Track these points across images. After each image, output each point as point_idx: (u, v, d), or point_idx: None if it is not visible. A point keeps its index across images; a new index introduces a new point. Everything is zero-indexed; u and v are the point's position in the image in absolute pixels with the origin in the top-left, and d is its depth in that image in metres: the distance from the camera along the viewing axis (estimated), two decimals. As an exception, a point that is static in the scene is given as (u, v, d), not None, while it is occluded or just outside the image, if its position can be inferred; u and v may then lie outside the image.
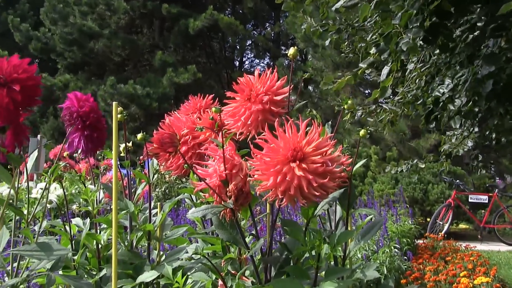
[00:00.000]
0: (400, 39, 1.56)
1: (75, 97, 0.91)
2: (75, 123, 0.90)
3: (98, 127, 0.92)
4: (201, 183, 0.77)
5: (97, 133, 0.92)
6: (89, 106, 0.91)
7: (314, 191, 0.66)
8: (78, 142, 0.91)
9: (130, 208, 0.98)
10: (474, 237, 5.46)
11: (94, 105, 0.92)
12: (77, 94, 0.92)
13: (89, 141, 0.91)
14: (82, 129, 0.91)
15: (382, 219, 0.83)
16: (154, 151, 0.80)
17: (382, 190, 5.46)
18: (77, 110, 0.90)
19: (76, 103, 0.91)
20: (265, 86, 0.79)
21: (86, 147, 0.91)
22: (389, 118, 2.28)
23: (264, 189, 0.69)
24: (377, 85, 2.23)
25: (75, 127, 0.91)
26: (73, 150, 0.93)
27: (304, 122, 0.70)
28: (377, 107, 2.35)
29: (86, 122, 0.91)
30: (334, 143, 0.71)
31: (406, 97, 2.14)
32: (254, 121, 0.80)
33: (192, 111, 1.03)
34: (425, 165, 2.76)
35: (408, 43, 1.47)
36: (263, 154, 0.69)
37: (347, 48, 2.30)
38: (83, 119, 0.91)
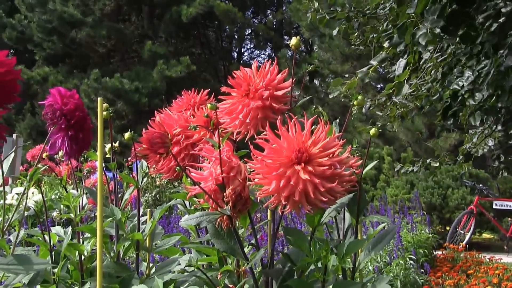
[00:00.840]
0: (417, 30, 1.55)
1: (59, 93, 0.91)
2: (58, 122, 0.90)
3: (84, 127, 0.93)
4: (195, 188, 0.77)
5: (82, 133, 0.92)
6: (74, 103, 0.91)
7: (321, 197, 0.66)
8: (61, 143, 0.91)
9: (116, 215, 0.99)
10: (500, 248, 5.44)
11: (79, 102, 0.92)
12: (60, 90, 0.92)
13: (74, 142, 0.91)
14: (66, 129, 0.91)
15: (396, 228, 0.84)
16: (143, 152, 0.80)
17: (396, 195, 5.46)
18: (61, 108, 0.90)
19: (60, 100, 0.91)
20: (264, 80, 0.80)
21: (70, 148, 0.91)
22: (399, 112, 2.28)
23: (265, 194, 0.70)
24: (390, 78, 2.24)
25: (58, 127, 0.91)
26: (56, 151, 0.93)
27: (309, 120, 0.71)
28: (386, 99, 2.35)
29: (71, 121, 0.91)
30: (343, 143, 0.71)
31: (419, 89, 2.13)
32: (253, 119, 0.80)
33: (185, 108, 1.03)
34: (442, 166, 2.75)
35: (426, 35, 1.46)
36: (264, 156, 0.69)
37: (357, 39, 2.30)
38: (67, 118, 0.91)
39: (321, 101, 7.89)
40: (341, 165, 0.68)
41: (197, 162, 0.91)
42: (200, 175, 0.78)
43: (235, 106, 0.81)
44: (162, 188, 4.14)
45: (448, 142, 6.52)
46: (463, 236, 4.98)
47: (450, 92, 1.91)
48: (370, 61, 2.08)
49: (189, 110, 1.02)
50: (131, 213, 1.07)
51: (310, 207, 0.68)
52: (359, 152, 0.81)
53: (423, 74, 2.13)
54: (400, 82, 1.90)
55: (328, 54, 7.49)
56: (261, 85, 0.79)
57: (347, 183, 0.71)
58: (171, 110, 1.04)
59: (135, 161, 1.00)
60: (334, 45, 7.08)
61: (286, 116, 0.73)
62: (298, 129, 0.70)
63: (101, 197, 0.84)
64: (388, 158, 6.13)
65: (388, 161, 6.09)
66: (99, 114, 0.86)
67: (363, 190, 0.81)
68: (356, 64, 6.99)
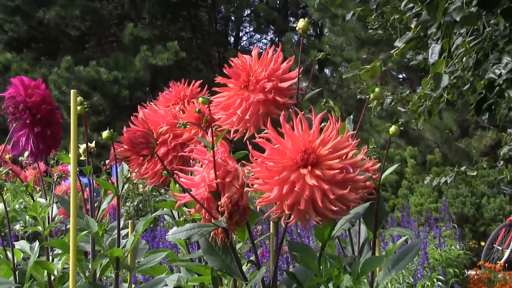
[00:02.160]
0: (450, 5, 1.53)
1: (22, 83, 0.92)
2: (22, 117, 0.91)
3: (52, 122, 0.93)
4: (185, 195, 0.78)
5: (50, 130, 0.92)
6: (41, 95, 0.92)
7: (330, 205, 0.67)
8: (25, 142, 0.92)
9: (92, 227, 0.99)
10: (544, 267, 5.44)
11: (46, 93, 0.93)
12: (23, 79, 0.92)
13: (41, 140, 0.92)
14: (31, 124, 0.91)
15: (420, 242, 0.84)
16: (124, 153, 0.81)
17: (421, 204, 5.46)
18: (25, 100, 0.91)
19: (23, 91, 0.91)
20: (267, 70, 0.80)
21: (36, 148, 0.91)
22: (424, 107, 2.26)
23: (267, 203, 0.70)
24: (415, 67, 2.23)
25: (21, 122, 0.91)
26: (19, 152, 0.93)
27: (318, 116, 0.71)
28: (411, 93, 2.35)
29: (37, 116, 0.91)
30: (357, 143, 0.72)
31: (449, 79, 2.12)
32: (253, 115, 0.80)
33: (174, 102, 1.04)
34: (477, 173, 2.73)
35: (461, 9, 1.43)
36: (265, 158, 0.70)
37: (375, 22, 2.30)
38: (32, 112, 0.91)
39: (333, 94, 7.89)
40: (355, 169, 0.69)
41: (187, 166, 0.92)
42: (191, 181, 0.78)
43: (232, 99, 0.82)
44: (146, 196, 4.14)
45: (483, 142, 6.52)
46: (501, 253, 4.97)
47: (485, 82, 1.89)
48: (395, 43, 2.06)
49: (178, 104, 1.02)
50: (109, 225, 1.07)
51: (319, 218, 0.69)
52: (377, 154, 0.82)
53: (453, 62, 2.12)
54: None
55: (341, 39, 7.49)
56: (263, 75, 0.80)
57: (362, 189, 0.71)
58: (157, 105, 1.04)
59: (114, 164, 1.01)
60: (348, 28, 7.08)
61: (291, 112, 0.73)
62: (304, 127, 0.70)
63: (75, 206, 0.84)
64: (411, 161, 6.13)
65: (412, 165, 6.10)
66: (72, 109, 0.86)
67: (382, 198, 0.82)
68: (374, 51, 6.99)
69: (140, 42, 9.89)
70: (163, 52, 9.63)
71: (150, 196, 4.14)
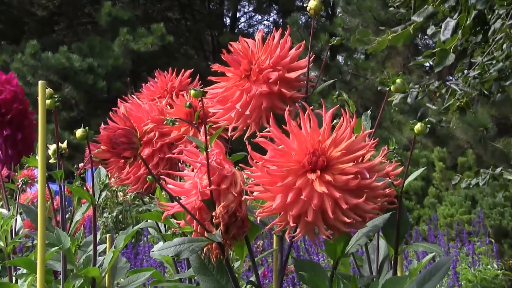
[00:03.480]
0: None
1: (-12, 77, 0.92)
2: (-13, 117, 0.91)
3: (24, 125, 0.93)
4: (173, 205, 0.78)
5: (22, 133, 0.92)
6: (12, 91, 0.92)
7: (343, 217, 0.67)
8: (-6, 148, 0.91)
9: (64, 243, 0.99)
10: None
11: (19, 90, 0.92)
12: (-10, 72, 0.92)
13: (10, 145, 0.92)
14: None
15: (450, 260, 0.84)
16: (101, 155, 0.81)
17: (451, 215, 5.46)
18: (-9, 98, 0.91)
19: (-10, 87, 0.91)
20: (272, 57, 0.81)
21: (4, 154, 0.91)
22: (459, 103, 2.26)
23: (269, 213, 0.70)
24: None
25: (-14, 124, 0.91)
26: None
27: (330, 112, 0.71)
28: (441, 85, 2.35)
29: (6, 117, 0.91)
30: (376, 144, 0.72)
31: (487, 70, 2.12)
32: (254, 110, 0.81)
33: (160, 95, 1.04)
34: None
35: None
36: (267, 160, 0.70)
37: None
38: (1, 112, 0.91)
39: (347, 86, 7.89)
40: (373, 174, 0.69)
41: (176, 170, 0.92)
42: (180, 188, 0.79)
43: (231, 92, 0.82)
44: (126, 206, 4.14)
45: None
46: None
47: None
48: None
49: (164, 97, 1.02)
50: (84, 240, 1.08)
51: (330, 232, 0.69)
52: (399, 156, 0.82)
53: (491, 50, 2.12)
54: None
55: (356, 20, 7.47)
56: (268, 63, 0.80)
57: (382, 198, 0.72)
58: (140, 98, 1.04)
59: (89, 168, 1.01)
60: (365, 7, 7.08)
61: (298, 107, 0.74)
62: (313, 124, 0.70)
63: (43, 218, 0.84)
64: (440, 164, 6.12)
65: (440, 168, 6.09)
66: (40, 104, 0.86)
67: (405, 208, 0.82)
68: (395, 33, 6.99)
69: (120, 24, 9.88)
70: (147, 36, 9.61)
71: (132, 205, 4.14)
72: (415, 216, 5.84)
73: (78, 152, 6.44)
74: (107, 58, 9.50)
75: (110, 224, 4.06)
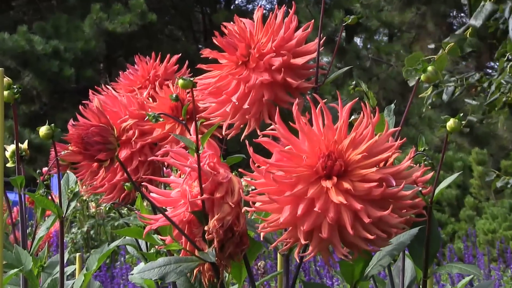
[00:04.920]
0: None
1: None
2: None
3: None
4: (157, 217, 0.78)
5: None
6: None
7: (365, 232, 0.67)
8: None
9: (25, 264, 0.99)
10: None
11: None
12: None
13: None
14: None
15: (492, 284, 0.85)
16: (70, 158, 0.81)
17: (493, 231, 5.46)
18: None
19: None
20: (275, 39, 0.81)
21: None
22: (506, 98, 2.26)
23: (275, 229, 0.70)
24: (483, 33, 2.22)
25: None
26: None
27: (347, 106, 0.72)
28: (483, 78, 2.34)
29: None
30: (401, 143, 0.72)
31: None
32: (254, 104, 0.81)
33: (140, 85, 1.04)
34: None
35: None
36: (272, 165, 0.70)
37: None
38: None
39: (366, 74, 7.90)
40: (399, 180, 0.69)
41: (160, 175, 0.92)
42: (166, 197, 0.79)
43: (226, 82, 0.82)
44: (100, 219, 4.14)
45: None
46: None
47: None
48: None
49: (146, 88, 1.02)
50: (49, 260, 1.07)
51: (348, 250, 0.69)
52: (429, 159, 0.82)
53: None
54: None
55: (377, -6, 7.49)
56: (270, 47, 0.80)
57: (409, 210, 0.72)
58: (117, 89, 1.04)
59: (56, 173, 1.01)
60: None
61: (309, 99, 0.74)
62: (327, 121, 0.70)
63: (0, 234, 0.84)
64: (478, 169, 6.12)
65: (479, 173, 6.09)
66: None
67: (436, 222, 0.82)
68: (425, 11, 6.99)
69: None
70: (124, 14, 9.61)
71: (107, 219, 4.14)
72: (449, 232, 5.84)
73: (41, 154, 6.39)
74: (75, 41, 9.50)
75: (80, 241, 4.06)
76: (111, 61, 9.97)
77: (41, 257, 1.06)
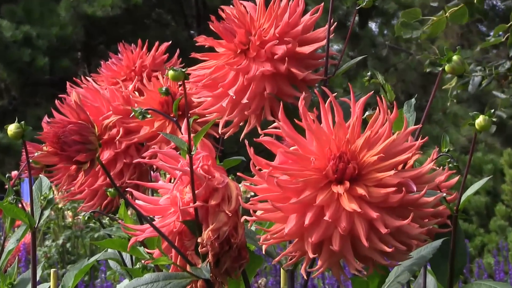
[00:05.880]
0: None
1: None
2: None
3: None
4: (143, 228, 0.78)
5: None
6: None
7: (382, 245, 0.67)
8: None
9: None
10: None
11: None
12: None
13: None
14: None
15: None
16: (44, 160, 0.81)
17: (528, 244, 5.45)
18: None
19: None
20: (278, 25, 0.81)
21: None
22: None
23: (279, 240, 0.70)
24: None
25: None
26: None
27: (361, 101, 0.72)
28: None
29: None
30: (423, 143, 0.72)
31: None
32: (255, 98, 0.81)
33: (125, 77, 1.04)
34: None
35: None
36: (277, 168, 0.70)
37: None
38: None
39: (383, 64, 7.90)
40: (421, 186, 0.69)
41: (147, 180, 0.92)
42: (154, 204, 0.79)
43: (222, 73, 0.82)
44: (78, 230, 4.14)
45: None
46: None
47: None
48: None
49: (132, 80, 1.03)
50: (19, 277, 1.08)
51: (361, 265, 0.69)
52: (455, 161, 0.82)
53: None
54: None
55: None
56: (273, 33, 0.81)
57: (431, 219, 0.72)
58: (98, 81, 1.04)
59: (27, 178, 1.01)
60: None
61: (317, 93, 0.74)
62: (338, 118, 0.71)
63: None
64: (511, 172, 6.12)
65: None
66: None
67: (462, 233, 0.82)
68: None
69: (68, -22, 9.89)
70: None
71: (85, 230, 4.14)
72: (477, 244, 5.83)
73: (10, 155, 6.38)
74: (50, 26, 9.50)
75: (55, 255, 4.06)
76: (90, 49, 9.97)
77: (10, 274, 1.06)
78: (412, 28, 2.24)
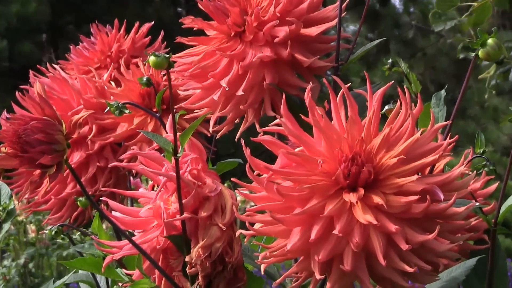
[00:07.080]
0: None
1: None
2: None
3: None
4: (121, 244, 0.78)
5: None
6: None
7: (402, 264, 0.67)
8: None
9: None
10: None
11: None
12: None
13: None
14: None
15: None
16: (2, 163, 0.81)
17: None
18: None
19: None
20: (279, 3, 0.81)
21: None
22: None
23: (280, 259, 0.71)
24: None
25: None
26: None
27: (379, 93, 0.72)
28: None
29: None
30: (454, 143, 0.72)
31: None
32: (252, 90, 0.81)
33: (99, 64, 1.05)
34: None
35: None
36: (278, 172, 0.70)
37: None
38: None
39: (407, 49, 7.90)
40: (449, 193, 0.70)
41: (125, 187, 0.92)
42: (133, 216, 0.79)
43: (214, 60, 0.82)
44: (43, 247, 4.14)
45: None
46: None
47: None
48: None
49: (107, 68, 1.03)
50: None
51: (378, 287, 0.70)
52: (492, 165, 0.82)
53: None
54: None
55: None
56: (272, 13, 0.81)
57: (463, 234, 0.72)
58: (67, 69, 1.05)
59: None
60: None
61: (327, 84, 0.74)
62: (352, 113, 0.71)
63: None
64: (559, 179, 6.13)
65: (561, 186, 6.10)
66: None
67: (502, 251, 0.82)
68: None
69: None
70: (76, -33, 9.63)
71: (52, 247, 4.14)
72: (520, 263, 5.84)
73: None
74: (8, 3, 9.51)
75: (15, 277, 4.06)
76: (57, 31, 9.97)
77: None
78: (446, 19, 2.25)
